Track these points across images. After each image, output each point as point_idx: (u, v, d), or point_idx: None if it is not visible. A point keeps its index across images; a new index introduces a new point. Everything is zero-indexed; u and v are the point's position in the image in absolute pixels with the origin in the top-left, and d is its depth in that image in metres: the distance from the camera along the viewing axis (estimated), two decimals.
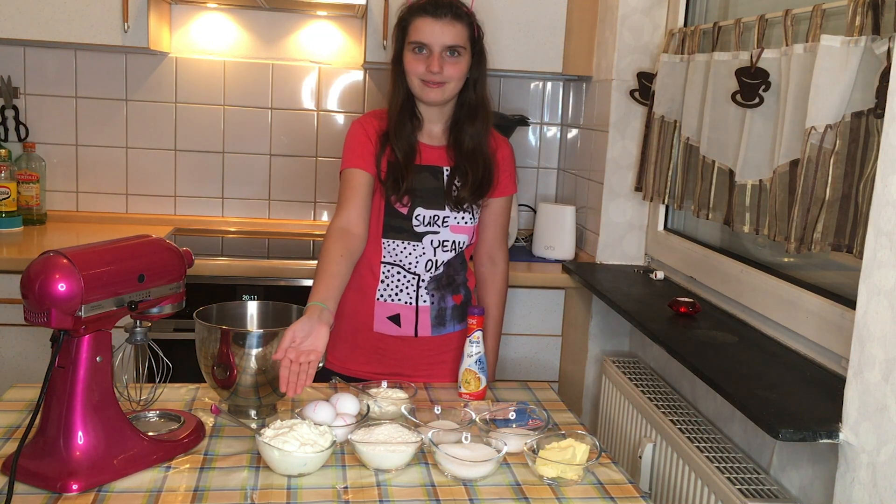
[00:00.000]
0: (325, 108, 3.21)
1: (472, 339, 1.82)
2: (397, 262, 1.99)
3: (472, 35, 1.95)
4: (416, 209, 1.97)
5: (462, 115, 2.00)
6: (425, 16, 1.90)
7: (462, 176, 1.98)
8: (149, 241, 1.48)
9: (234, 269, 2.62)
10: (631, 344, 2.68)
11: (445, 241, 2.00)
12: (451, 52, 1.91)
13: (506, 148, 2.10)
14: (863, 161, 1.56)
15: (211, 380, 1.60)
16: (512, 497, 1.36)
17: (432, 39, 1.90)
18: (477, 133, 1.99)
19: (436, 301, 2.02)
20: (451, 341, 2.06)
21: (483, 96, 2.01)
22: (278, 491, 1.34)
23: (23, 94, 3.06)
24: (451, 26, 1.90)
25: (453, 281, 2.04)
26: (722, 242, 2.34)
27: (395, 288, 2.00)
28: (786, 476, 1.73)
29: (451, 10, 1.91)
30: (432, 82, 1.91)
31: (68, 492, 1.29)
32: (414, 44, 1.91)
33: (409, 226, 1.97)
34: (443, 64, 1.90)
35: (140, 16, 2.73)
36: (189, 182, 3.20)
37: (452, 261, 2.03)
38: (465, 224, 2.02)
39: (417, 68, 1.92)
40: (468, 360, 1.82)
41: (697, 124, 2.19)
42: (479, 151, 1.99)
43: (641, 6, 2.62)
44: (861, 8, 1.54)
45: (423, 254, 1.99)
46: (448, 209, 1.99)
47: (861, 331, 1.39)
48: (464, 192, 1.98)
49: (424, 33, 1.90)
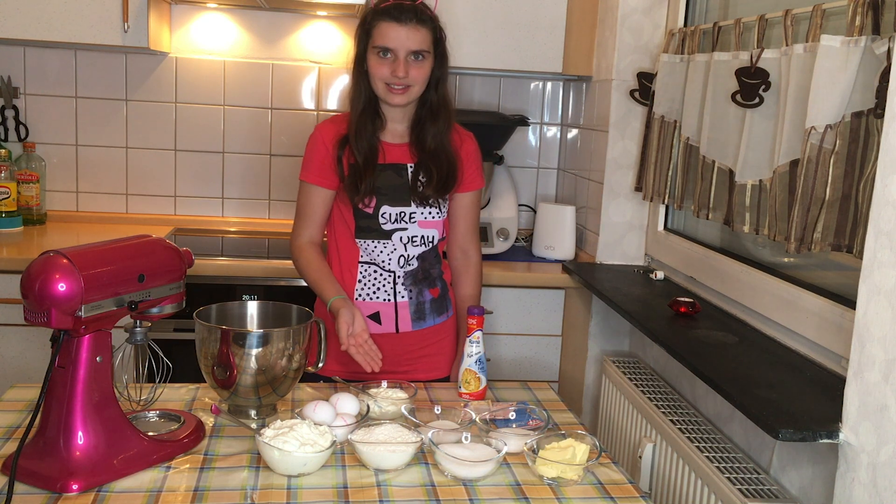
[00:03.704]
0: (325, 108, 3.21)
1: (471, 339, 1.82)
2: (372, 260, 2.01)
3: (436, 38, 1.96)
4: (381, 207, 1.98)
5: (424, 115, 2.02)
6: (390, 21, 1.91)
7: (426, 173, 2.00)
8: (149, 241, 1.48)
9: (234, 269, 2.62)
10: (631, 344, 2.68)
11: (414, 236, 2.01)
12: (415, 55, 1.92)
13: (470, 143, 2.11)
14: (863, 161, 1.56)
15: (211, 380, 1.60)
16: (512, 497, 1.36)
17: (397, 44, 1.90)
18: (439, 132, 2.01)
19: (414, 296, 2.04)
20: (431, 335, 2.08)
21: (445, 96, 2.03)
22: (278, 491, 1.34)
23: (23, 94, 3.06)
24: (415, 31, 1.91)
25: (429, 275, 2.05)
26: (722, 242, 2.34)
27: (372, 286, 2.02)
28: (786, 476, 1.73)
29: (415, 14, 1.91)
30: (397, 86, 1.92)
31: (68, 492, 1.29)
32: (378, 48, 1.92)
33: (376, 224, 1.99)
34: (408, 68, 1.91)
35: (140, 16, 2.73)
36: (189, 182, 3.20)
37: (426, 254, 2.04)
38: (434, 219, 2.03)
39: (382, 72, 1.92)
40: (468, 361, 1.82)
41: (697, 124, 2.19)
42: (441, 149, 2.01)
43: (641, 6, 2.62)
44: (861, 8, 1.54)
45: (395, 250, 2.01)
46: (414, 205, 2.00)
47: (861, 331, 1.39)
48: (428, 189, 1.99)
49: (389, 38, 1.90)
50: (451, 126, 2.04)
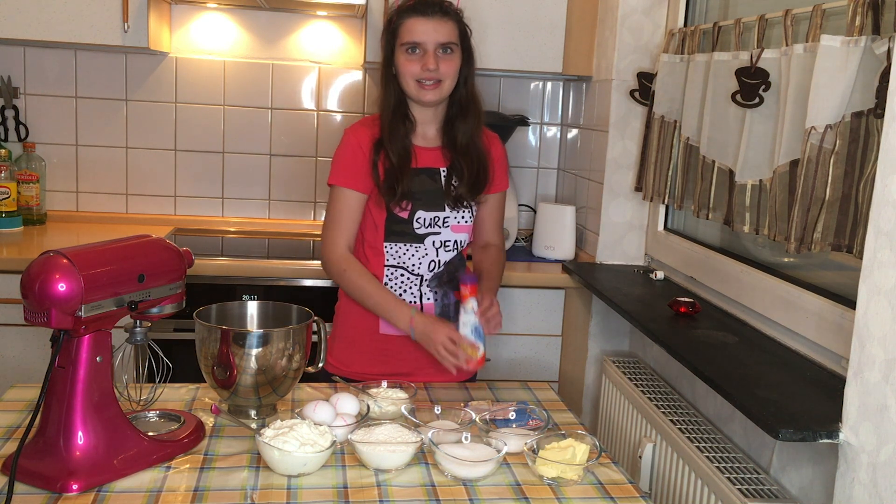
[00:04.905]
0: (325, 108, 3.21)
1: (465, 307, 1.80)
2: (400, 264, 2.00)
3: (462, 31, 1.97)
4: (416, 212, 1.98)
5: (454, 113, 2.02)
6: (416, 16, 1.92)
7: (458, 173, 2.00)
8: (149, 241, 1.48)
9: (234, 269, 2.62)
10: (631, 344, 2.68)
11: (447, 241, 2.01)
12: (444, 49, 1.92)
13: (498, 145, 2.12)
14: (863, 161, 1.56)
15: (211, 380, 1.60)
16: (512, 497, 1.36)
17: (425, 38, 1.91)
18: (469, 129, 2.01)
19: (439, 298, 2.03)
20: None
21: (473, 93, 2.02)
22: (278, 491, 1.34)
23: (23, 94, 3.06)
24: (442, 23, 1.91)
25: (454, 277, 2.05)
26: (722, 242, 2.34)
27: (398, 289, 2.01)
28: (786, 476, 1.73)
29: (439, 8, 1.93)
30: (428, 81, 1.92)
31: (68, 492, 1.29)
32: (406, 44, 1.92)
33: (410, 229, 1.98)
34: (437, 61, 1.91)
35: (140, 16, 2.73)
36: (189, 182, 3.20)
37: (453, 259, 2.04)
38: (466, 223, 2.03)
39: (412, 69, 1.92)
40: (463, 330, 1.81)
41: (697, 124, 2.19)
42: (472, 147, 2.01)
43: (641, 6, 2.62)
44: (861, 8, 1.53)
45: (426, 255, 2.00)
46: (448, 209, 2.00)
47: (861, 331, 1.39)
48: (461, 188, 1.99)
49: (416, 32, 1.91)
50: (481, 124, 2.04)
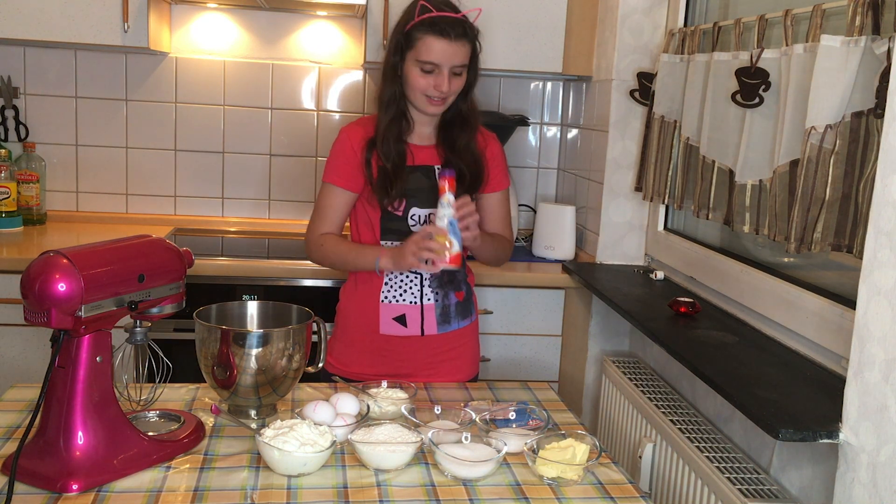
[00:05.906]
0: (325, 108, 3.21)
1: (442, 201, 1.80)
2: None
3: (474, 52, 1.97)
4: (410, 209, 1.99)
5: (453, 119, 2.03)
6: (440, 37, 1.89)
7: None
8: (149, 241, 1.48)
9: (234, 269, 2.62)
10: (631, 344, 2.68)
11: None
12: (456, 70, 1.93)
13: (495, 144, 2.12)
14: (863, 161, 1.56)
15: (211, 380, 1.59)
16: (512, 497, 1.36)
17: (443, 60, 1.90)
18: (466, 136, 2.03)
19: (440, 298, 2.03)
20: (455, 338, 2.07)
21: (473, 103, 2.04)
22: (278, 491, 1.34)
23: (23, 94, 3.06)
24: (461, 47, 1.91)
25: (454, 277, 2.05)
26: (722, 242, 2.34)
27: (399, 289, 2.01)
28: (786, 476, 1.73)
29: (462, 30, 1.91)
30: (436, 97, 1.94)
31: (68, 492, 1.29)
32: (424, 62, 1.91)
33: (405, 227, 1.99)
34: (450, 83, 1.92)
35: (140, 16, 2.73)
36: (189, 182, 3.20)
37: None
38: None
39: (423, 85, 1.93)
40: (440, 223, 1.81)
41: (697, 124, 2.19)
42: (468, 150, 2.03)
43: (641, 6, 2.62)
44: (861, 8, 1.53)
45: None
46: None
47: (861, 331, 1.39)
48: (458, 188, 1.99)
49: (435, 53, 1.90)
50: (476, 129, 2.06)
